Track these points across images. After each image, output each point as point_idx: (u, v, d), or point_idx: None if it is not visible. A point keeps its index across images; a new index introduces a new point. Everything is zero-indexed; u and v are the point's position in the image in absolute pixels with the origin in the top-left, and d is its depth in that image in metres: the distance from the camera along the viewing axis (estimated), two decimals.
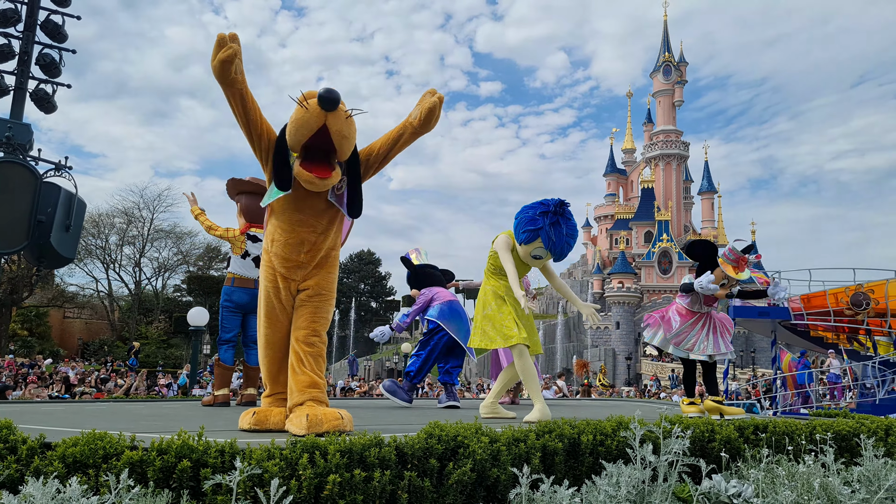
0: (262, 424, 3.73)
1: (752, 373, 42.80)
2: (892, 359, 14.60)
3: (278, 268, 3.82)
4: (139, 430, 3.70)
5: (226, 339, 6.55)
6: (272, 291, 3.87)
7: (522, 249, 5.13)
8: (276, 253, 3.82)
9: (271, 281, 3.87)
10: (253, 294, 6.46)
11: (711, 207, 74.88)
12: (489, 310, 5.25)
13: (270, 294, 3.88)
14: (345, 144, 3.59)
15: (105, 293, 50.87)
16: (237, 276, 6.52)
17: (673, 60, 74.38)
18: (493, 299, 5.28)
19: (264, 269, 3.93)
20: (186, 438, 2.43)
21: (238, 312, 6.56)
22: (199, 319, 12.14)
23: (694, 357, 5.82)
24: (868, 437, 4.03)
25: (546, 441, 3.15)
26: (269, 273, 3.88)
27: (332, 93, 3.40)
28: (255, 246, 6.54)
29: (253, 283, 6.49)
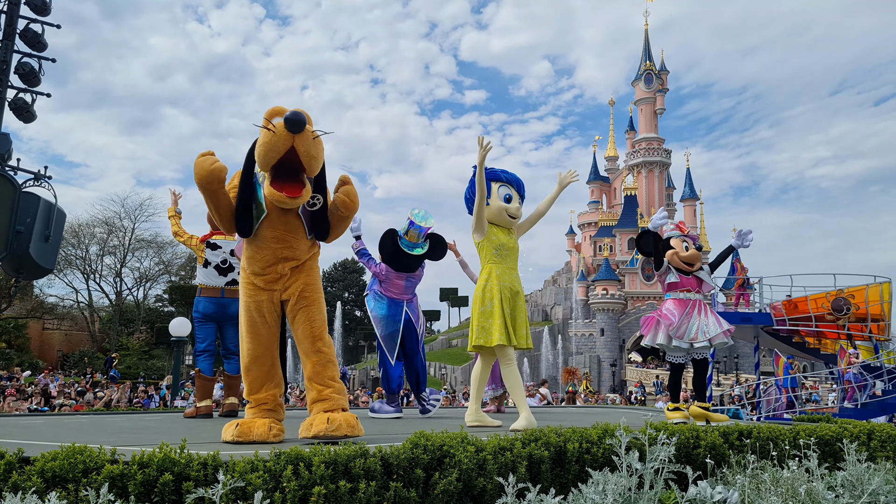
0: (245, 436, 3.69)
1: (735, 378, 43.13)
2: (872, 363, 14.77)
3: (258, 283, 3.89)
4: (120, 443, 3.64)
5: (200, 350, 6.50)
6: (253, 307, 3.90)
7: (491, 207, 5.27)
8: (254, 271, 3.90)
9: (251, 296, 3.91)
10: (219, 303, 6.43)
11: (694, 214, 75.52)
12: (488, 306, 5.18)
13: (252, 309, 3.91)
14: (313, 164, 3.66)
15: (85, 304, 50.18)
16: (203, 285, 6.51)
17: (654, 69, 75.19)
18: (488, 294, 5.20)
19: (244, 285, 3.97)
20: (168, 451, 2.39)
21: (207, 322, 6.50)
22: (182, 330, 11.99)
23: (698, 345, 5.74)
24: (851, 442, 4.06)
25: (532, 449, 3.14)
26: (249, 289, 3.93)
27: (298, 115, 3.46)
28: (214, 254, 6.48)
29: (219, 292, 6.45)
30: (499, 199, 5.29)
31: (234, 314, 6.50)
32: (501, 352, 5.16)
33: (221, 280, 6.47)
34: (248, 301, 3.92)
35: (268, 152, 3.56)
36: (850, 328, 15.36)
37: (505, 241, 5.32)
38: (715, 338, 5.74)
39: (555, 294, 77.63)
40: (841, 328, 15.33)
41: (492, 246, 5.27)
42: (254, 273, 3.91)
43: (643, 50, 76.48)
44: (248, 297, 3.93)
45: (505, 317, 5.11)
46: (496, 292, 5.16)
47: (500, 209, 5.27)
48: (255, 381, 3.93)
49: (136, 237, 50.14)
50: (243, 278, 4.00)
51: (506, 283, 5.22)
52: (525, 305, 5.40)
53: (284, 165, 3.62)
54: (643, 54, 76.32)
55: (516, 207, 5.39)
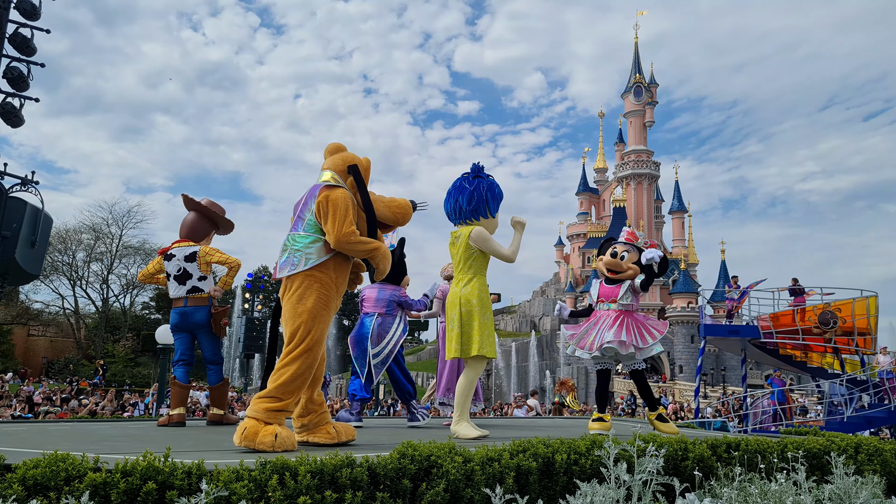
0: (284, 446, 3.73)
1: (722, 391, 43.28)
2: (859, 377, 14.88)
3: (336, 304, 4.19)
4: (104, 451, 3.59)
5: (177, 360, 6.48)
6: (329, 320, 4.14)
7: (493, 223, 5.25)
8: (339, 292, 4.21)
9: (331, 312, 4.14)
10: (183, 312, 6.36)
11: (682, 226, 76.05)
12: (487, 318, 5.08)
13: (329, 322, 4.14)
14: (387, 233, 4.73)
15: (71, 310, 49.75)
16: (171, 297, 6.48)
17: (644, 82, 75.88)
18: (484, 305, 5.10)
19: (327, 299, 4.09)
20: (152, 460, 2.35)
21: (177, 332, 6.46)
22: (168, 338, 11.87)
23: (581, 355, 5.72)
24: (839, 455, 4.07)
25: (520, 460, 3.13)
26: (332, 305, 4.13)
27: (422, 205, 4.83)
28: (170, 264, 6.39)
29: (182, 301, 6.37)
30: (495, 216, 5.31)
31: (202, 322, 6.36)
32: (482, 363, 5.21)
33: (182, 289, 6.35)
34: (330, 317, 4.15)
35: (406, 219, 4.56)
36: (836, 342, 15.48)
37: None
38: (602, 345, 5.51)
39: (543, 305, 77.78)
40: (828, 341, 15.45)
41: (486, 259, 5.23)
42: (340, 295, 4.22)
43: (633, 63, 77.22)
44: (329, 312, 4.12)
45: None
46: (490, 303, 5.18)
47: (495, 228, 5.28)
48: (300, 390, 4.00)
49: (124, 244, 49.91)
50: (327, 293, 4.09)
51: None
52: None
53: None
54: (633, 67, 77.05)
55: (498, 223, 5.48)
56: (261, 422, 3.73)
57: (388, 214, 4.40)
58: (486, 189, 5.18)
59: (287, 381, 3.84)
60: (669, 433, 5.51)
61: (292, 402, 3.91)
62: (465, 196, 5.18)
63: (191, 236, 6.54)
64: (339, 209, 4.00)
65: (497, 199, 5.24)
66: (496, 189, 5.24)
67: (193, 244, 6.47)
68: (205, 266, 6.40)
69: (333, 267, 4.12)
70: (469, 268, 5.17)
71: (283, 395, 3.83)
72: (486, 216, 5.19)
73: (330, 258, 4.10)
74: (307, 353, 3.91)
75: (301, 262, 4.06)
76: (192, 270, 6.35)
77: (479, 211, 5.16)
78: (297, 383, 3.88)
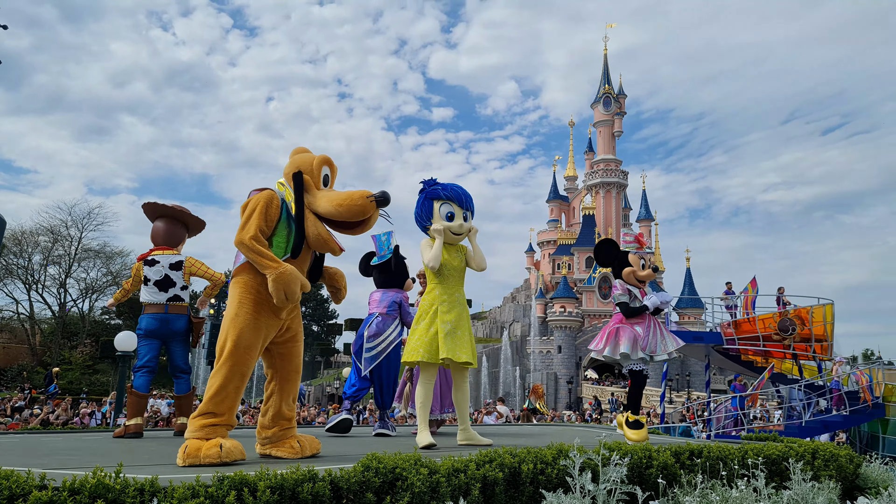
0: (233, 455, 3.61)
1: (687, 396, 43.95)
2: (816, 382, 15.24)
3: (273, 308, 3.95)
4: (52, 466, 3.46)
5: (139, 366, 6.29)
6: (263, 327, 3.92)
7: (434, 226, 5.21)
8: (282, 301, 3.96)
9: (264, 317, 3.92)
10: (163, 319, 6.28)
11: (649, 234, 77.14)
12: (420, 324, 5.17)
13: (262, 330, 3.91)
14: (365, 231, 4.16)
15: (26, 315, 48.24)
16: (145, 302, 6.35)
17: (612, 92, 76.95)
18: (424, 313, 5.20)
19: (256, 305, 3.90)
20: (102, 476, 2.26)
21: (149, 338, 6.32)
22: (127, 344, 11.55)
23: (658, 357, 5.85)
24: (796, 462, 4.14)
25: (486, 471, 3.10)
26: (263, 310, 3.92)
27: (389, 197, 4.01)
28: (152, 270, 6.31)
29: (163, 308, 6.31)
30: (441, 218, 5.20)
31: (180, 330, 6.38)
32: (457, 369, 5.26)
33: (163, 296, 6.32)
34: (267, 322, 3.93)
35: (357, 213, 3.95)
36: (795, 348, 15.83)
37: (448, 260, 5.24)
38: (671, 352, 5.87)
39: (513, 311, 78.10)
40: (787, 348, 15.79)
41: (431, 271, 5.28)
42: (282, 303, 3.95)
43: (602, 74, 78.27)
44: (266, 318, 3.92)
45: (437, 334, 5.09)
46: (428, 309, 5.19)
47: (447, 232, 5.22)
48: (237, 400, 3.85)
49: (83, 247, 48.59)
50: (263, 302, 3.91)
51: (444, 301, 5.19)
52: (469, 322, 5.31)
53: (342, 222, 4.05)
54: (602, 78, 78.10)
55: (459, 224, 5.21)
56: (201, 439, 3.62)
57: (331, 211, 3.94)
58: (416, 210, 5.40)
59: (214, 393, 3.72)
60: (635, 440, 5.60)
61: (228, 414, 3.77)
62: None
63: (169, 243, 6.46)
64: (247, 212, 3.92)
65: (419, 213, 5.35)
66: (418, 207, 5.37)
67: (175, 252, 6.44)
68: (188, 276, 6.43)
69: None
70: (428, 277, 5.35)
71: (216, 409, 3.71)
72: (425, 230, 5.35)
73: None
74: (229, 363, 3.75)
75: (234, 267, 4.05)
76: (176, 279, 6.35)
77: (421, 228, 5.39)
78: (225, 394, 3.73)
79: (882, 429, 14.07)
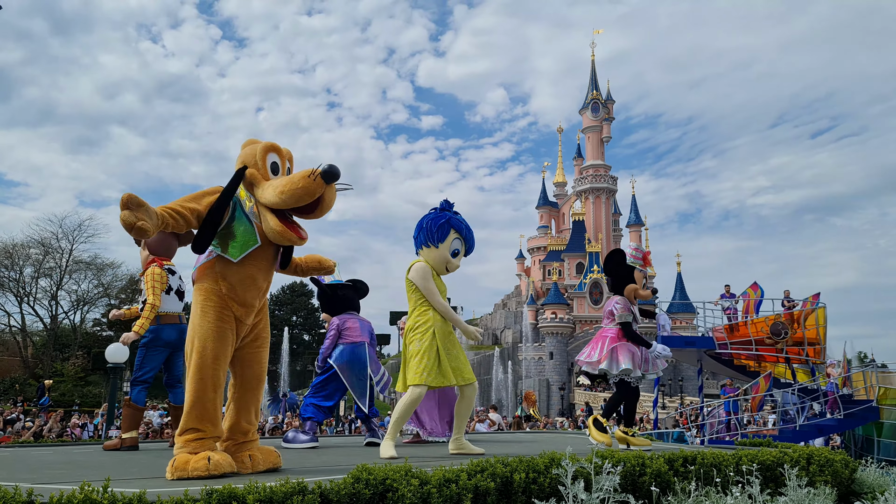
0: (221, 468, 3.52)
1: (679, 401, 44.00)
2: (810, 386, 15.27)
3: (237, 312, 3.84)
4: (42, 480, 3.41)
5: (142, 379, 6.19)
6: (229, 333, 3.80)
7: (438, 253, 5.19)
8: (237, 299, 3.84)
9: (228, 323, 3.81)
10: (181, 329, 6.20)
11: (639, 239, 77.34)
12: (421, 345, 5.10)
13: (228, 337, 3.79)
14: (326, 209, 3.86)
15: (17, 328, 47.85)
16: (163, 312, 6.16)
17: (600, 98, 77.35)
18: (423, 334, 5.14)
19: (218, 311, 3.79)
20: (90, 492, 2.22)
21: (165, 350, 6.25)
22: (119, 356, 11.47)
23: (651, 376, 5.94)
24: (791, 467, 4.13)
25: (478, 481, 3.07)
26: (226, 316, 3.80)
27: (337, 169, 3.70)
28: (174, 279, 6.32)
29: (178, 319, 6.28)
30: (447, 250, 5.23)
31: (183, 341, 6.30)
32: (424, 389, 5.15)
33: (180, 305, 6.38)
34: (224, 327, 3.78)
35: (303, 196, 3.68)
36: (787, 351, 15.88)
37: (442, 288, 5.33)
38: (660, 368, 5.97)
39: (504, 318, 78.10)
40: (779, 351, 15.84)
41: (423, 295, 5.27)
42: (238, 301, 3.83)
43: (590, 80, 78.70)
44: (224, 323, 3.78)
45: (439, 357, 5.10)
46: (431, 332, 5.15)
47: (444, 260, 5.24)
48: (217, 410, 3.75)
49: (74, 259, 48.28)
50: (218, 304, 3.79)
51: (439, 323, 5.20)
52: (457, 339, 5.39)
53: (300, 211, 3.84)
54: (590, 84, 78.51)
55: (456, 266, 5.35)
56: (190, 453, 3.55)
57: (275, 201, 3.72)
58: (429, 220, 5.33)
59: (191, 408, 3.64)
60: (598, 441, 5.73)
61: (212, 426, 3.67)
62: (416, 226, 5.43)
63: (168, 254, 6.40)
64: None
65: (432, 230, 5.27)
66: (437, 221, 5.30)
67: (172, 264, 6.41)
68: None
69: (218, 269, 3.85)
70: (410, 298, 5.32)
71: (197, 424, 3.63)
72: (426, 246, 5.30)
73: (209, 261, 3.87)
74: (198, 376, 3.66)
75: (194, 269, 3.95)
76: (185, 289, 6.40)
77: (418, 240, 5.36)
78: (202, 407, 3.64)
79: (877, 432, 14.10)
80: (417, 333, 5.17)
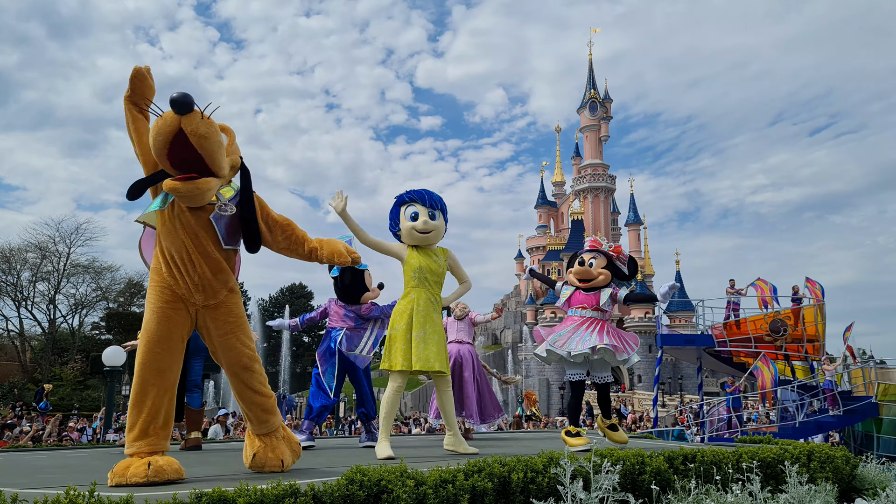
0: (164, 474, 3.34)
1: (679, 399, 43.98)
2: (810, 383, 15.24)
3: (177, 289, 3.63)
4: (31, 485, 3.36)
5: (195, 383, 6.35)
6: (177, 318, 3.62)
7: (404, 230, 5.21)
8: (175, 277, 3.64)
9: (169, 302, 3.61)
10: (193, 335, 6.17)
11: (638, 238, 77.36)
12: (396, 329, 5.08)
13: (177, 322, 3.61)
14: (206, 145, 3.35)
15: (16, 332, 47.72)
16: None
17: (598, 97, 77.31)
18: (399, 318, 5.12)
19: (159, 290, 3.62)
20: (75, 496, 2.17)
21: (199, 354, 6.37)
22: (116, 360, 11.46)
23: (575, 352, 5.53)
24: (792, 464, 4.09)
25: (475, 481, 3.03)
26: (167, 294, 3.62)
27: (183, 95, 3.23)
28: None
29: None
30: (406, 219, 5.19)
31: (202, 346, 6.28)
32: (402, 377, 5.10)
33: None
34: (164, 307, 3.62)
35: (155, 137, 3.30)
36: (786, 349, 15.84)
37: (426, 264, 5.18)
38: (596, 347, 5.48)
39: (504, 318, 78.01)
40: (778, 349, 15.80)
41: (410, 269, 5.19)
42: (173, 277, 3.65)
43: (588, 79, 78.70)
44: (164, 303, 3.62)
45: (411, 342, 4.99)
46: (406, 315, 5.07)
47: (408, 230, 5.18)
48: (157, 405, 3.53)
49: (72, 262, 48.12)
50: (157, 283, 3.64)
51: (419, 307, 5.09)
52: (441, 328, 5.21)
53: (186, 161, 3.39)
54: (588, 83, 78.50)
55: (423, 222, 5.14)
56: (136, 455, 3.38)
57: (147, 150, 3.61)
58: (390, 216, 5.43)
59: (133, 403, 3.45)
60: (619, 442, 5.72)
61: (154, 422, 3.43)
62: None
63: None
64: None
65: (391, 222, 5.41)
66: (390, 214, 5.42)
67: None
68: None
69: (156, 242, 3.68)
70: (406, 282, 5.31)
71: (137, 420, 3.42)
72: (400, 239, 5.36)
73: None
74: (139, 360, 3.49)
75: None
76: None
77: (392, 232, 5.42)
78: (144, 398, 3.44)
79: (876, 428, 14.07)
80: (395, 316, 5.14)
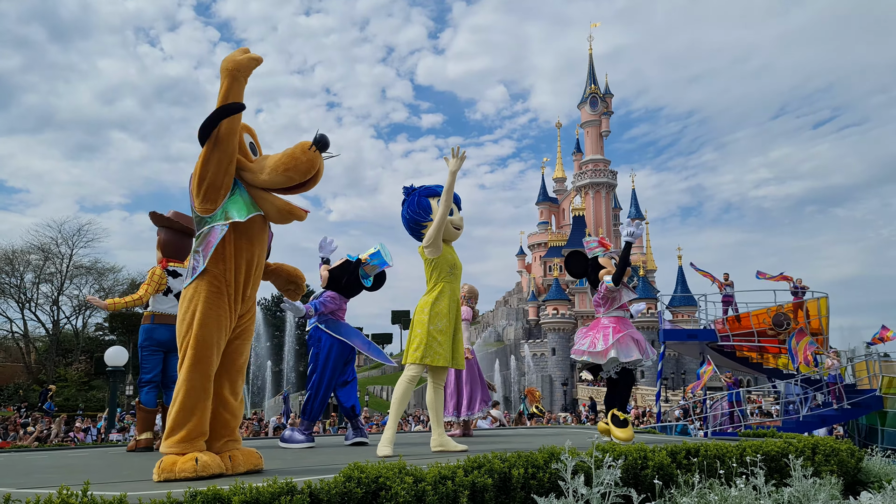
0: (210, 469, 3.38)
1: (682, 394, 43.89)
2: (812, 376, 15.19)
3: (232, 302, 3.68)
4: (28, 485, 3.34)
5: (147, 381, 6.22)
6: (225, 322, 3.63)
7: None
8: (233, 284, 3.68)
9: (226, 312, 3.63)
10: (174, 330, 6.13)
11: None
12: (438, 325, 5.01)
13: (224, 325, 3.62)
14: (317, 182, 3.69)
15: (20, 334, 47.85)
16: (157, 312, 6.22)
17: (599, 92, 77.19)
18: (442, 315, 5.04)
19: (216, 299, 3.60)
20: (67, 496, 2.14)
21: (159, 351, 6.24)
22: (118, 360, 11.45)
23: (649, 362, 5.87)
24: (796, 458, 4.05)
25: (475, 477, 2.99)
26: (224, 304, 3.63)
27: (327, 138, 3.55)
28: (176, 281, 6.26)
29: (174, 320, 6.20)
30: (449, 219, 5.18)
31: None
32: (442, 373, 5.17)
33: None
34: (220, 315, 3.59)
35: (308, 169, 3.53)
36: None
37: (455, 261, 5.23)
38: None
39: (506, 314, 78.05)
40: (782, 343, 15.74)
41: (447, 264, 5.16)
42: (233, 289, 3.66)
43: (588, 74, 78.60)
44: (221, 311, 3.59)
45: (452, 338, 5.06)
46: (447, 312, 5.06)
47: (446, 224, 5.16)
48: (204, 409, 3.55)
49: (75, 263, 48.29)
50: (215, 290, 3.58)
51: (454, 304, 5.13)
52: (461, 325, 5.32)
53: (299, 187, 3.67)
54: (588, 79, 78.41)
55: (459, 217, 5.33)
56: (177, 454, 3.42)
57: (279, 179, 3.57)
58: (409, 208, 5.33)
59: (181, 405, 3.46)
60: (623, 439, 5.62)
61: (199, 422, 3.48)
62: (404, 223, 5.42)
63: (179, 256, 6.37)
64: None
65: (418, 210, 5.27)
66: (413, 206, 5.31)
67: (184, 265, 6.32)
68: None
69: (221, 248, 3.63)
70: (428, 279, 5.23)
71: (185, 420, 3.45)
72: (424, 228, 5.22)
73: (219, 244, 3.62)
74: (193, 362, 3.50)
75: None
76: None
77: (415, 230, 5.31)
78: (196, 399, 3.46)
79: (881, 421, 14.02)
80: (436, 312, 5.04)
